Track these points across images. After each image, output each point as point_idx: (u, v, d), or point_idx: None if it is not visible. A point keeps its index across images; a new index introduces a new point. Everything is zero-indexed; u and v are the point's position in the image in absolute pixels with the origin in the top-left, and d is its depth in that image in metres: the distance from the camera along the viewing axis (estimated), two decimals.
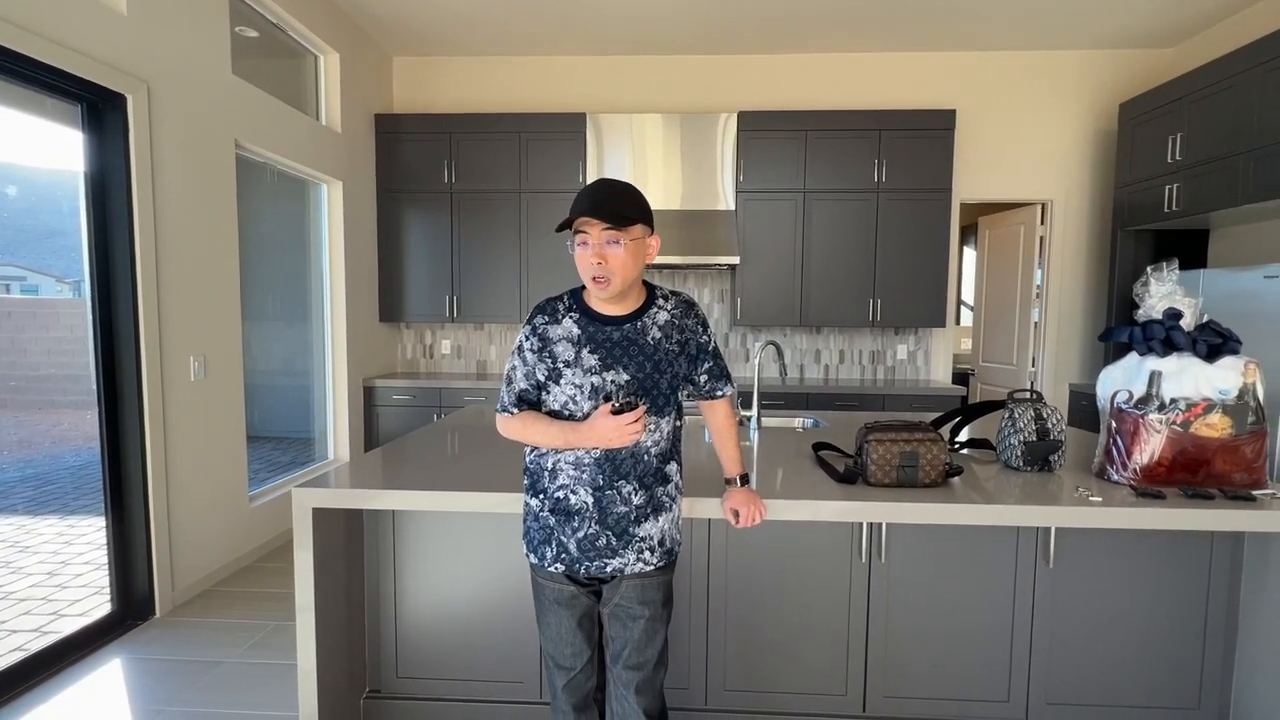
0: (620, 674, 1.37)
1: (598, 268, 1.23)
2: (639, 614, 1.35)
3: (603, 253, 1.23)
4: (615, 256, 1.23)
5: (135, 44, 2.50)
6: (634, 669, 1.36)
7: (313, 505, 1.63)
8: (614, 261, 1.23)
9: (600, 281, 1.24)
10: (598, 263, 1.22)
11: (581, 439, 1.26)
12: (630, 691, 1.36)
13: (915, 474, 1.63)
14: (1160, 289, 1.72)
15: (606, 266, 1.23)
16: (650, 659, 1.38)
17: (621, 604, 1.36)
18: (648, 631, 1.36)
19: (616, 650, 1.38)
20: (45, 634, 2.34)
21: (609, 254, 1.23)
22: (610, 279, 1.24)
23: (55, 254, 2.61)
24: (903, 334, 4.51)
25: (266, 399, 3.65)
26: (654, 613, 1.37)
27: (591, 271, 1.24)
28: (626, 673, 1.36)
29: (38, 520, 3.10)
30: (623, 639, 1.37)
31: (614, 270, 1.23)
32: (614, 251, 1.23)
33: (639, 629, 1.35)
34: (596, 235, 1.23)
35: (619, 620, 1.37)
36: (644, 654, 1.37)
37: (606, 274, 1.23)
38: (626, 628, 1.36)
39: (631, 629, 1.36)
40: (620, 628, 1.37)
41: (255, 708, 2.03)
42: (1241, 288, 3.08)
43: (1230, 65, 3.20)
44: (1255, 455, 1.62)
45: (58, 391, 2.76)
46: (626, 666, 1.37)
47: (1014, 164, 4.36)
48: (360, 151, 4.13)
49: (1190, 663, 1.82)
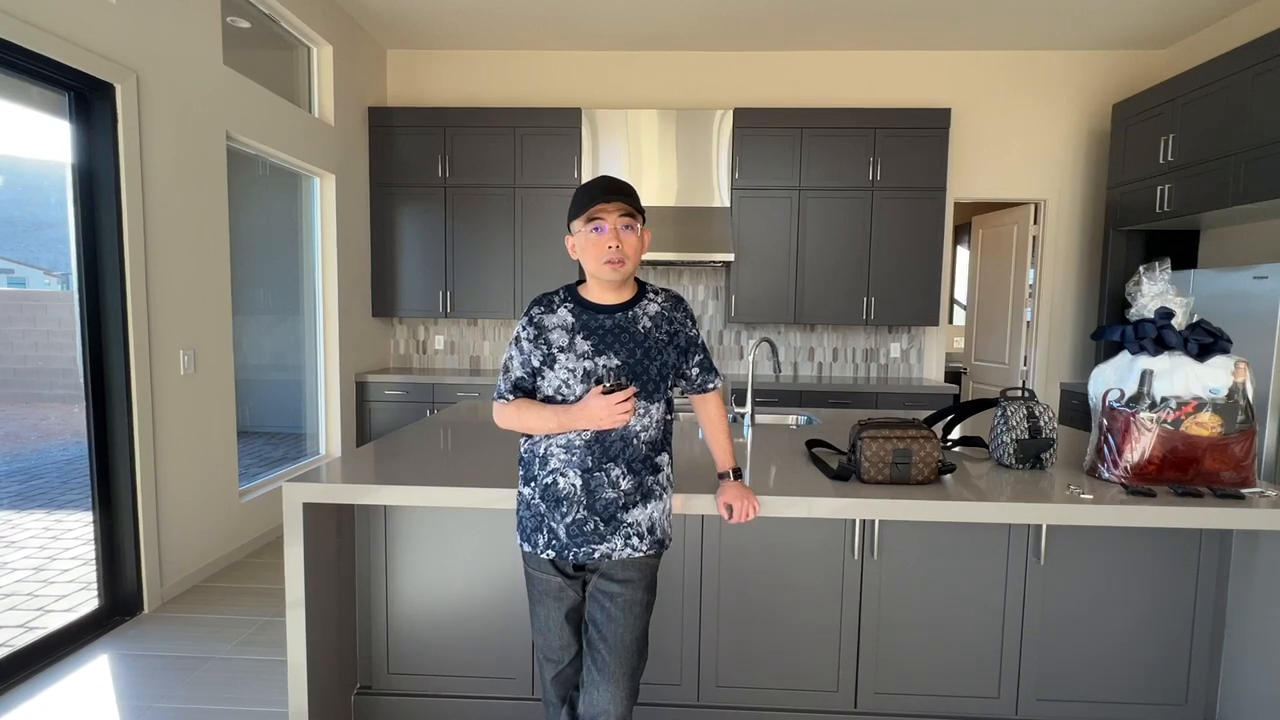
0: (597, 659, 1.34)
1: (613, 251, 1.29)
2: (616, 592, 1.33)
3: (621, 237, 1.29)
4: (629, 240, 1.31)
5: (125, 33, 2.46)
6: (610, 652, 1.33)
7: (303, 500, 1.62)
8: (628, 245, 1.30)
9: (615, 263, 1.30)
10: (614, 245, 1.29)
11: (573, 420, 1.29)
12: (604, 679, 1.32)
13: (908, 471, 1.64)
14: (1152, 288, 1.73)
15: (621, 249, 1.29)
16: (626, 643, 1.34)
17: (600, 583, 1.35)
18: (625, 611, 1.33)
19: (594, 635, 1.35)
20: (31, 630, 2.31)
21: (624, 237, 1.30)
22: (625, 261, 1.30)
23: (43, 246, 2.58)
24: (896, 332, 4.52)
25: (258, 394, 3.62)
26: (631, 594, 1.34)
27: (606, 255, 1.29)
28: (600, 656, 1.33)
29: (24, 515, 3.06)
30: (600, 618, 1.34)
31: (628, 253, 1.30)
32: (629, 235, 1.31)
33: (615, 606, 1.33)
34: (614, 220, 1.29)
35: (595, 600, 1.36)
36: (620, 635, 1.33)
37: (621, 256, 1.30)
38: (603, 607, 1.34)
39: (608, 607, 1.33)
40: (597, 608, 1.35)
41: (245, 704, 2.01)
42: (1231, 288, 3.11)
43: (1222, 67, 3.22)
44: (1244, 454, 1.64)
45: (45, 385, 2.72)
46: (604, 649, 1.33)
47: (1008, 163, 4.38)
48: (353, 145, 4.10)
49: (1178, 659, 1.84)
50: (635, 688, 1.37)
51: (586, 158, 4.15)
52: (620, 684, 1.33)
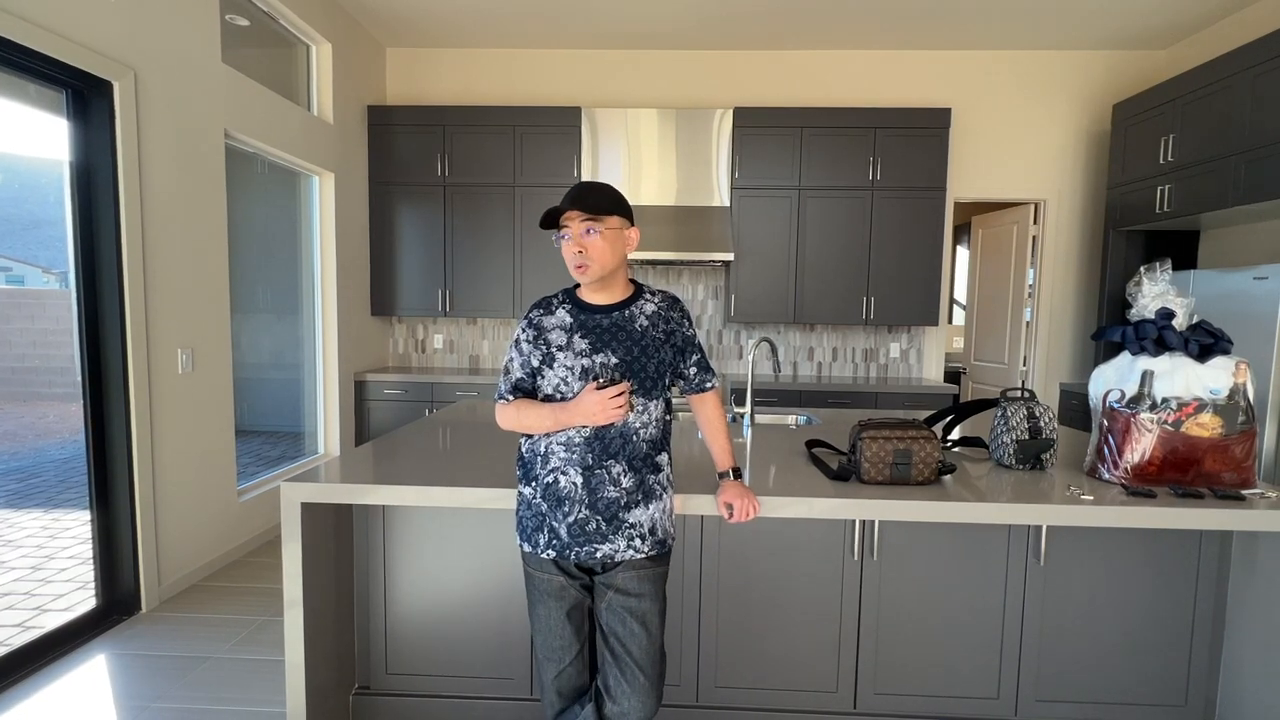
0: (625, 671, 1.36)
1: (578, 256, 1.33)
2: (634, 606, 1.36)
3: (582, 241, 1.32)
4: (594, 244, 1.32)
5: (122, 30, 2.45)
6: (637, 665, 1.36)
7: (301, 500, 1.61)
8: (593, 249, 1.33)
9: (581, 268, 1.34)
10: (578, 251, 1.33)
11: (570, 417, 1.32)
12: (634, 689, 1.36)
13: (908, 471, 1.63)
14: (1153, 288, 1.73)
15: (586, 254, 1.32)
16: (651, 653, 1.38)
17: (616, 598, 1.37)
18: (646, 624, 1.37)
19: (617, 649, 1.38)
20: (29, 629, 2.30)
21: (587, 242, 1.33)
22: (589, 265, 1.33)
23: (41, 244, 2.57)
24: (896, 332, 4.52)
25: (256, 393, 3.61)
26: (649, 606, 1.37)
27: (574, 260, 1.34)
28: (629, 668, 1.36)
29: (21, 514, 3.06)
30: (623, 633, 1.37)
31: (593, 257, 1.33)
32: (592, 240, 1.32)
33: (635, 621, 1.36)
34: (576, 226, 1.33)
35: (614, 613, 1.37)
36: (644, 648, 1.37)
37: (586, 261, 1.33)
38: (625, 622, 1.36)
39: (630, 623, 1.36)
40: (618, 623, 1.37)
41: (242, 704, 2.01)
42: (1231, 289, 3.11)
43: (1223, 68, 3.21)
44: (1244, 455, 1.63)
45: (43, 384, 2.72)
46: (631, 662, 1.36)
47: (1008, 164, 4.38)
48: (352, 143, 4.09)
49: (1177, 660, 1.83)
50: (662, 689, 1.43)
51: (586, 157, 4.15)
52: (650, 692, 1.38)
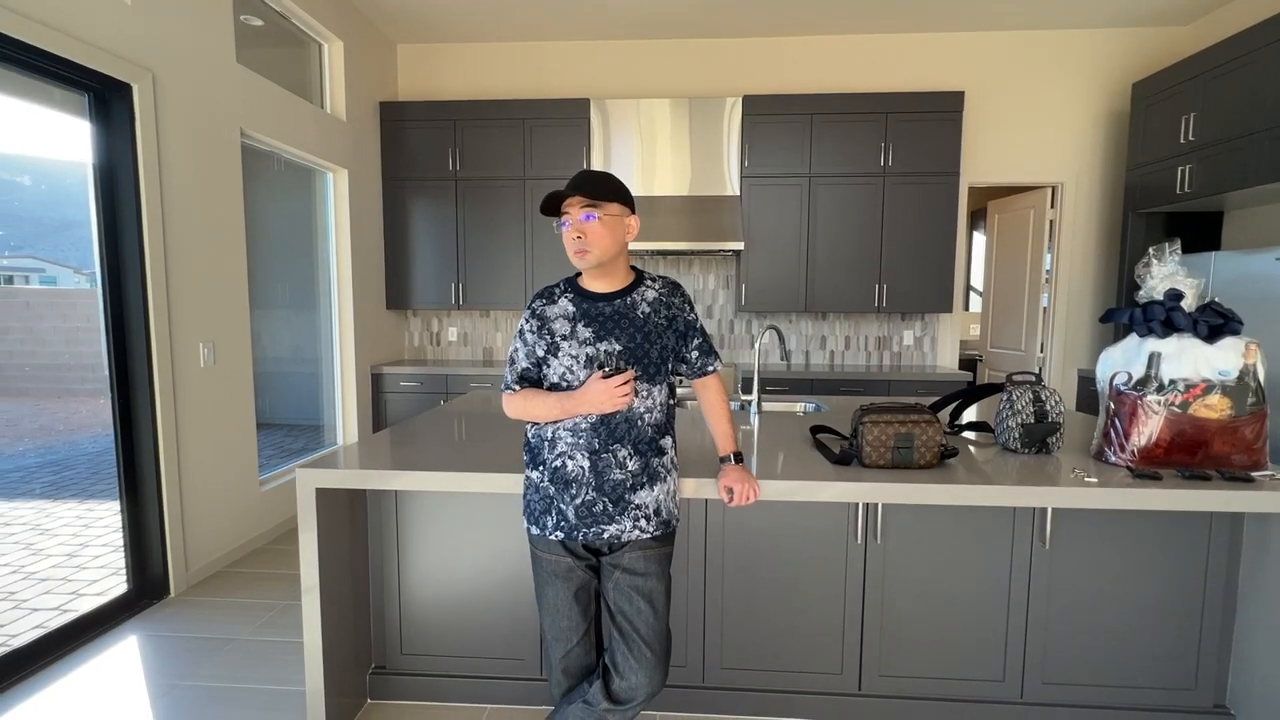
0: (633, 647, 1.39)
1: (577, 241, 1.34)
2: (640, 585, 1.39)
3: (581, 227, 1.34)
4: (592, 230, 1.34)
5: (140, 33, 2.52)
6: (644, 642, 1.39)
7: (316, 485, 1.67)
8: (591, 235, 1.34)
9: (580, 253, 1.35)
10: (577, 236, 1.34)
11: (576, 405, 1.34)
12: (642, 665, 1.39)
13: (910, 455, 1.64)
14: (1162, 270, 1.70)
15: (585, 240, 1.34)
16: (659, 630, 1.41)
17: (623, 577, 1.40)
18: (652, 603, 1.40)
19: (625, 626, 1.41)
20: (65, 612, 2.41)
21: (586, 228, 1.34)
22: (589, 251, 1.34)
23: (73, 245, 2.66)
24: (909, 319, 4.48)
25: (276, 386, 3.71)
26: (655, 585, 1.41)
27: (573, 246, 1.35)
28: (637, 646, 1.39)
29: (58, 504, 3.19)
30: (630, 611, 1.40)
31: (592, 243, 1.34)
32: (591, 225, 1.33)
33: (642, 599, 1.39)
34: (575, 212, 1.34)
35: (621, 592, 1.40)
36: (651, 625, 1.40)
37: (585, 246, 1.34)
38: (632, 600, 1.40)
39: (637, 601, 1.39)
40: (626, 601, 1.40)
41: (265, 682, 2.09)
42: (1252, 270, 3.04)
43: (1245, 42, 3.12)
44: (1255, 437, 1.61)
45: (75, 380, 2.82)
46: (639, 639, 1.39)
47: (1023, 146, 4.30)
48: (365, 139, 4.15)
49: (1187, 643, 1.82)
50: (668, 666, 1.46)
51: (597, 148, 4.16)
52: (657, 668, 1.42)
